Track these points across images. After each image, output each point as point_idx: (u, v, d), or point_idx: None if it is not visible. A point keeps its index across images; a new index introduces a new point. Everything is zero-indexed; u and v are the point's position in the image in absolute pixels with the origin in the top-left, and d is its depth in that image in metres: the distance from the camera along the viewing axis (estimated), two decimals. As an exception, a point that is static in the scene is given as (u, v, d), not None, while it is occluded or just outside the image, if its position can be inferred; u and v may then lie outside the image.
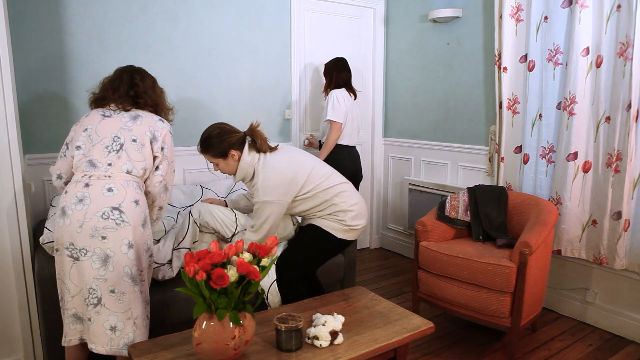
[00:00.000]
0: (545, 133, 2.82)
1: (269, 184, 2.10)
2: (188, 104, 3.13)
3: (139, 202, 1.85)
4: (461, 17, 3.38)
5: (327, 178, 2.23)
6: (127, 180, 1.85)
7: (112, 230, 1.77)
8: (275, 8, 3.42)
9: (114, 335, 1.79)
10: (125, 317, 1.81)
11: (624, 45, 2.41)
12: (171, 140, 2.04)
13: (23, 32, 2.53)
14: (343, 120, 3.25)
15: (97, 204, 1.78)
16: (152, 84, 2.07)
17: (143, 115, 1.98)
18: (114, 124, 1.92)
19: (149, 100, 2.03)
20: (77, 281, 1.81)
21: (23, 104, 2.53)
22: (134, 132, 1.91)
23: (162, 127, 2.00)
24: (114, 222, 1.77)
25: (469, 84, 3.38)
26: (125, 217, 1.79)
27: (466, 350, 2.50)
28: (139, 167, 1.90)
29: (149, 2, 2.90)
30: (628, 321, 2.62)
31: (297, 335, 1.63)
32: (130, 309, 1.82)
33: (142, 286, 1.89)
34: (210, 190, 3.02)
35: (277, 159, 2.15)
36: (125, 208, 1.80)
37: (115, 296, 1.79)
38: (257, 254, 1.60)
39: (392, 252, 4.21)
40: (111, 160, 1.85)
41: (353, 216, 2.22)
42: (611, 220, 2.55)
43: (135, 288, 1.83)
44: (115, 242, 1.77)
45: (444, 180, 3.63)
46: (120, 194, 1.81)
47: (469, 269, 2.41)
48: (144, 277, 1.90)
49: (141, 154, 1.91)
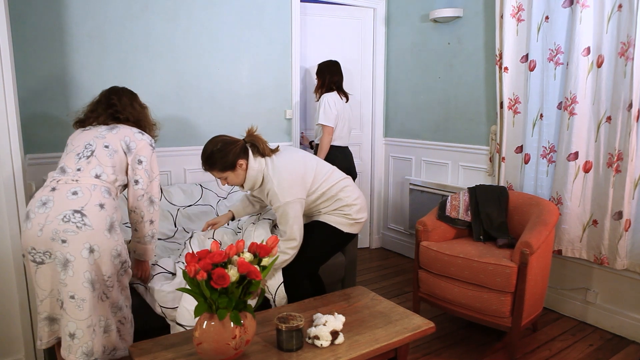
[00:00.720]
0: (546, 133, 2.82)
1: (285, 185, 2.09)
2: (188, 104, 3.13)
3: (104, 206, 1.79)
4: (462, 17, 3.38)
5: (330, 175, 2.27)
6: (94, 185, 1.82)
7: (72, 233, 1.70)
8: (275, 8, 3.42)
9: (72, 342, 1.73)
10: (85, 325, 1.73)
11: (625, 45, 2.41)
12: (151, 153, 2.01)
13: (24, 32, 2.53)
14: (334, 124, 3.36)
15: (60, 207, 1.73)
16: (130, 101, 2.10)
17: (121, 127, 2.00)
18: (90, 134, 1.96)
19: (130, 116, 2.06)
20: (45, 285, 1.78)
21: (24, 104, 2.53)
22: (107, 139, 1.93)
23: (140, 139, 1.99)
24: (74, 226, 1.71)
25: (469, 84, 3.38)
26: (88, 221, 1.73)
27: (467, 350, 2.50)
28: (109, 172, 1.87)
29: (150, 2, 2.90)
30: (629, 321, 2.61)
31: (297, 335, 1.63)
32: (90, 317, 1.74)
33: (111, 292, 1.83)
34: (210, 190, 3.01)
35: (284, 160, 2.17)
36: (88, 211, 1.74)
37: (75, 302, 1.72)
38: (257, 254, 1.60)
39: (393, 252, 4.21)
40: (81, 165, 1.85)
41: (357, 210, 2.28)
42: (612, 220, 2.55)
43: (94, 294, 1.75)
44: (76, 246, 1.71)
45: (444, 180, 3.63)
46: (84, 197, 1.77)
47: (469, 269, 2.41)
48: (112, 283, 1.83)
49: (112, 160, 1.90)
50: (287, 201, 2.09)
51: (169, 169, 3.10)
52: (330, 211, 2.27)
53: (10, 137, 2.04)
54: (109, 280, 1.82)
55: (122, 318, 1.90)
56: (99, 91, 2.16)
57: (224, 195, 3.07)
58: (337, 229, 2.27)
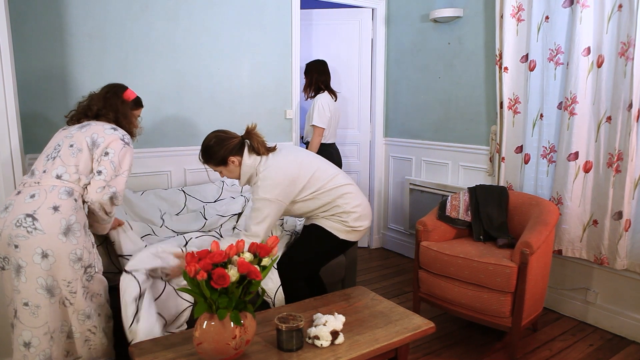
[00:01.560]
0: (546, 133, 2.82)
1: (268, 182, 2.08)
2: (188, 104, 3.13)
3: (58, 209, 1.72)
4: (462, 16, 3.38)
5: (332, 179, 2.21)
6: (53, 186, 1.76)
7: (23, 238, 1.66)
8: (275, 8, 3.42)
9: (28, 352, 1.68)
10: (42, 332, 1.68)
11: (625, 45, 2.41)
12: (121, 147, 1.88)
13: (24, 32, 2.53)
14: (327, 126, 3.48)
15: (16, 211, 1.70)
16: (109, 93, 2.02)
17: (92, 124, 1.92)
18: (62, 134, 1.92)
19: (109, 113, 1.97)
20: (8, 291, 1.75)
21: (24, 104, 2.53)
22: (74, 138, 1.86)
23: (110, 134, 1.89)
24: (25, 230, 1.66)
25: (470, 84, 3.38)
26: (39, 225, 1.67)
27: (467, 350, 2.50)
28: (71, 171, 1.80)
29: (150, 2, 2.90)
30: (629, 321, 2.61)
31: (297, 335, 1.63)
32: (46, 323, 1.69)
33: (74, 298, 1.76)
34: (193, 197, 2.90)
35: (278, 159, 2.14)
36: (40, 215, 1.68)
37: (29, 309, 1.67)
38: (257, 254, 1.61)
39: (393, 252, 4.21)
40: (47, 167, 1.81)
41: (355, 217, 2.22)
42: (612, 220, 2.55)
43: (52, 300, 1.70)
44: (27, 252, 1.66)
45: (444, 180, 3.63)
46: (39, 200, 1.71)
47: (469, 269, 2.41)
48: (74, 289, 1.75)
49: (75, 159, 1.82)
50: (265, 197, 2.07)
51: (169, 169, 3.09)
52: (327, 216, 2.23)
53: (10, 137, 2.04)
54: (70, 286, 1.74)
55: (91, 327, 1.83)
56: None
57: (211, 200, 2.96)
58: (331, 234, 2.22)
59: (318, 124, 3.40)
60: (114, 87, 2.07)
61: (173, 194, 2.88)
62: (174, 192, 2.89)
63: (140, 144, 2.91)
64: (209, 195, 2.98)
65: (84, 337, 1.81)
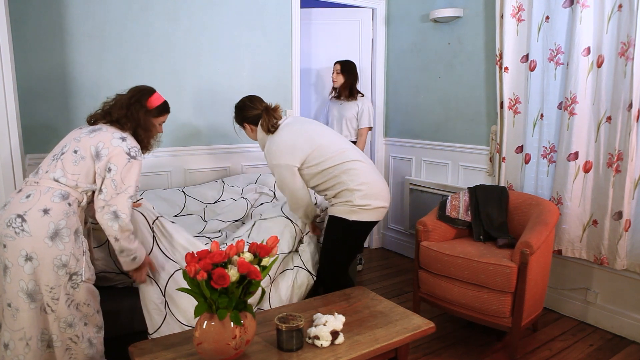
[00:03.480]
0: (547, 133, 2.82)
1: (273, 149, 2.26)
2: (188, 104, 3.13)
3: (48, 212, 1.67)
4: (462, 16, 3.38)
5: (341, 153, 2.24)
6: (49, 188, 1.72)
7: (10, 239, 1.64)
8: (275, 8, 3.42)
9: (6, 354, 1.66)
10: (17, 337, 1.65)
11: (625, 45, 2.41)
12: (125, 162, 1.79)
13: (24, 32, 2.53)
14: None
15: (10, 210, 1.68)
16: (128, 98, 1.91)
17: (103, 130, 1.84)
18: (72, 135, 1.86)
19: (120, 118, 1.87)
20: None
21: (24, 104, 2.53)
22: (80, 143, 1.79)
23: (116, 145, 1.79)
24: (13, 231, 1.64)
25: (470, 84, 3.38)
26: (27, 227, 1.64)
27: (467, 350, 2.50)
28: (69, 177, 1.76)
29: (150, 2, 2.90)
30: (629, 321, 2.61)
31: (297, 335, 1.63)
32: (23, 329, 1.65)
33: (56, 305, 1.70)
34: (193, 198, 2.89)
35: (282, 134, 2.28)
36: (29, 217, 1.65)
37: (10, 311, 1.65)
38: (258, 254, 1.61)
39: (393, 252, 4.21)
40: (49, 168, 1.78)
41: (361, 196, 2.20)
42: (612, 221, 2.55)
43: (32, 306, 1.66)
44: (13, 253, 1.63)
45: (444, 180, 3.63)
46: (32, 201, 1.69)
47: (469, 269, 2.41)
48: (57, 295, 1.69)
49: (78, 167, 1.77)
50: (274, 163, 2.25)
51: (169, 169, 3.10)
52: (334, 200, 2.28)
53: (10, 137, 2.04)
54: (53, 292, 1.69)
55: (73, 336, 1.75)
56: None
57: (211, 201, 2.95)
58: (340, 219, 2.25)
59: (372, 124, 3.59)
60: (139, 92, 1.95)
61: (173, 194, 2.87)
62: (174, 193, 2.89)
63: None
64: (209, 196, 2.97)
65: (65, 345, 1.74)
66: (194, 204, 2.88)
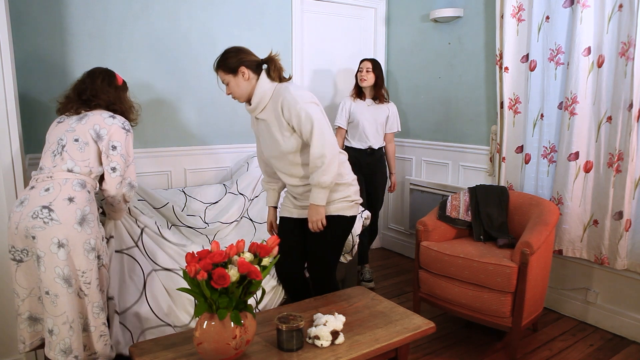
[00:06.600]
0: (547, 133, 2.82)
1: (298, 92, 2.01)
2: (189, 104, 3.13)
3: (73, 200, 1.78)
4: (462, 16, 3.37)
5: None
6: (66, 179, 1.82)
7: (40, 229, 1.70)
8: (275, 8, 3.42)
9: (52, 339, 1.73)
10: (61, 322, 1.72)
11: (626, 45, 2.40)
12: (124, 136, 1.95)
13: (24, 31, 2.53)
14: None
15: (32, 204, 1.75)
16: (104, 83, 2.01)
17: (90, 115, 1.94)
18: (62, 127, 1.94)
19: (101, 101, 1.98)
20: (26, 283, 1.79)
21: (24, 104, 2.53)
22: (77, 132, 1.90)
23: (111, 123, 1.93)
24: (42, 221, 1.71)
25: (470, 84, 3.37)
26: (55, 216, 1.72)
27: (467, 350, 2.50)
28: (82, 165, 1.87)
29: (150, 2, 2.90)
30: (629, 321, 2.61)
31: (298, 335, 1.63)
32: (65, 313, 1.72)
33: (89, 289, 1.80)
34: (194, 198, 2.89)
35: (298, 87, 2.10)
36: (55, 206, 1.74)
37: (50, 298, 1.72)
38: (258, 254, 1.60)
39: (393, 252, 4.21)
40: (56, 162, 1.86)
41: (355, 190, 2.20)
42: (612, 220, 2.55)
43: (69, 290, 1.74)
44: (44, 242, 1.71)
45: (445, 180, 3.63)
46: (54, 192, 1.77)
47: (470, 269, 2.41)
48: (88, 279, 1.79)
49: (85, 153, 1.88)
50: (308, 101, 1.99)
51: (169, 169, 3.09)
52: (333, 196, 2.11)
53: (10, 137, 2.04)
54: (85, 277, 1.78)
55: (104, 322, 1.86)
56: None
57: (212, 200, 2.95)
58: (342, 217, 2.16)
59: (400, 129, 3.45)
60: (105, 74, 2.05)
61: (173, 194, 2.87)
62: (174, 193, 2.89)
63: (140, 144, 2.91)
64: (210, 196, 2.98)
65: (99, 332, 1.84)
66: (195, 204, 2.89)
